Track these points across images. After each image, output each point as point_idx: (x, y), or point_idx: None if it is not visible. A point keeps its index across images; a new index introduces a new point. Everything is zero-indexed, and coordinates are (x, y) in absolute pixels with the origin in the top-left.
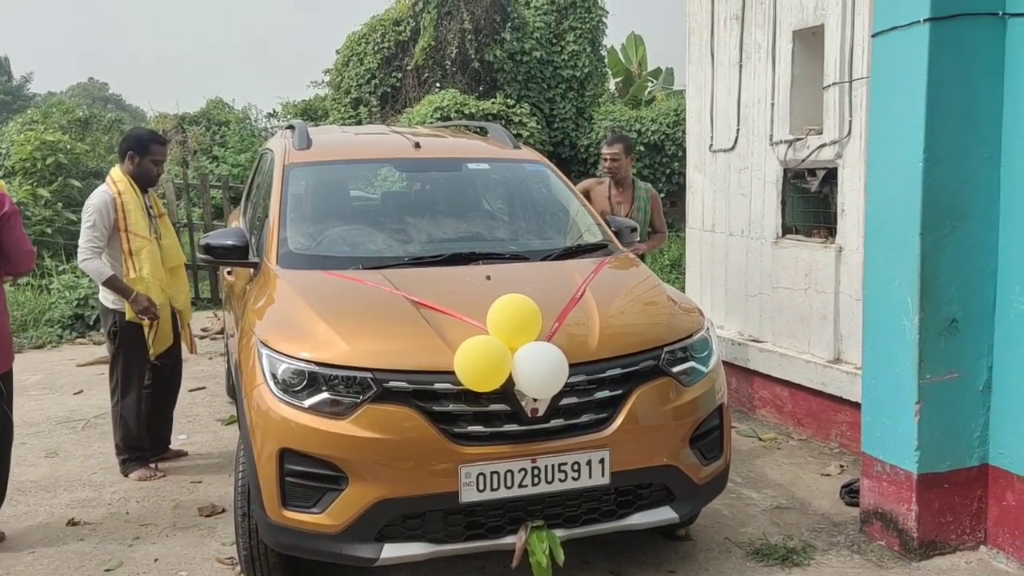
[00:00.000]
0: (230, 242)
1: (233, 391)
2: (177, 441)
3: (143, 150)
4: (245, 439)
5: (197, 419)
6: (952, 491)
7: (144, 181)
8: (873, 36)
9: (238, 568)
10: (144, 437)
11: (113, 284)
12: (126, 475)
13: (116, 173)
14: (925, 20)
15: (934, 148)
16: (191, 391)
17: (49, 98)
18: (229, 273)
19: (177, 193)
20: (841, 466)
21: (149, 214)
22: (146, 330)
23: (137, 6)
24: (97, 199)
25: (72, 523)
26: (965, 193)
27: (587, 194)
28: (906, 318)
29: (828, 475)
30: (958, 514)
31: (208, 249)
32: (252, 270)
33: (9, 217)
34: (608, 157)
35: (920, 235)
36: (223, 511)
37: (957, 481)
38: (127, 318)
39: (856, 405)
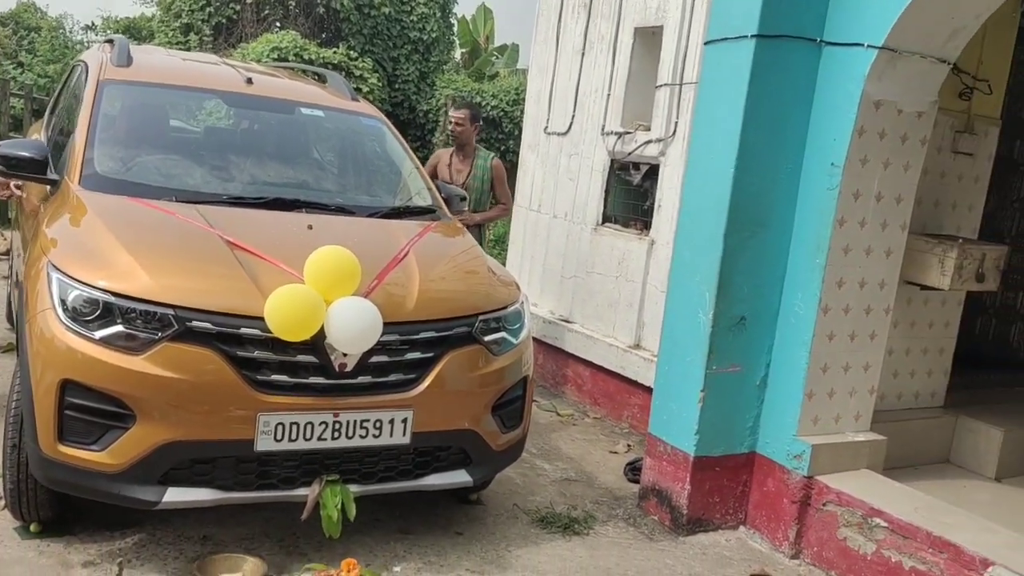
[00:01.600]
0: (26, 153)
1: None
2: None
3: None
4: (24, 366)
5: None
6: (722, 474)
7: None
8: (705, 44)
9: (1, 503)
10: None
11: None
12: None
13: None
14: (752, 36)
15: (745, 157)
16: None
17: None
18: (19, 187)
19: None
20: (628, 445)
21: None
22: None
23: None
24: None
25: None
26: (767, 202)
27: (435, 164)
28: (702, 312)
29: (616, 453)
30: (724, 496)
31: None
32: (49, 188)
33: None
34: (453, 121)
35: (724, 236)
36: None
37: (727, 465)
38: None
39: (649, 390)
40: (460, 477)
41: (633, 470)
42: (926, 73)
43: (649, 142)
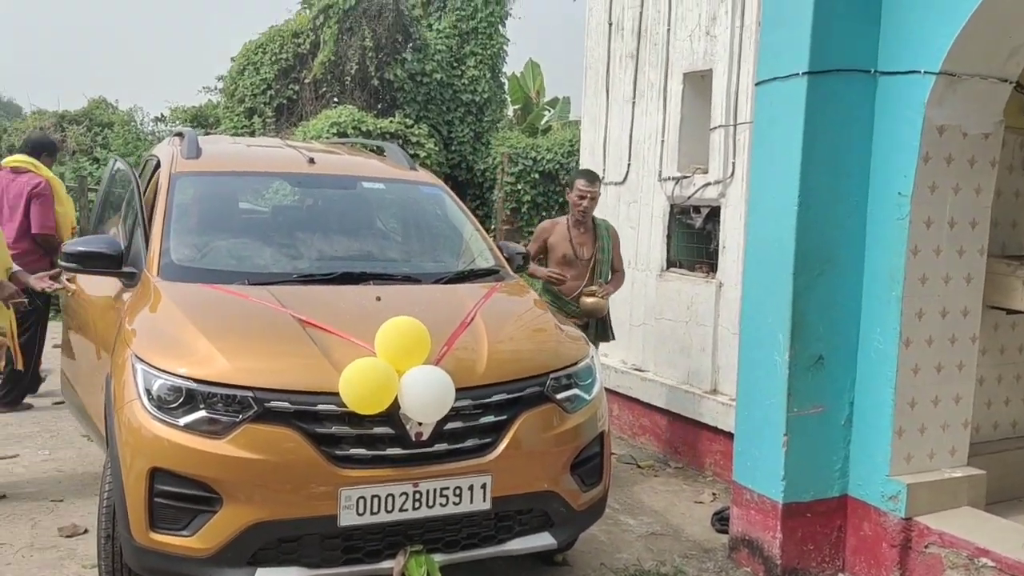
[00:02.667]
0: (100, 249)
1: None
2: (39, 457)
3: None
4: (113, 457)
5: (61, 434)
6: (814, 520)
7: None
8: (756, 84)
9: None
10: None
11: None
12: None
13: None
14: (803, 73)
15: (807, 194)
16: (56, 404)
17: None
18: (70, 280)
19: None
20: (714, 494)
21: None
22: None
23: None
24: None
25: None
26: (835, 238)
27: (546, 238)
28: (777, 354)
29: (701, 503)
30: (819, 543)
31: (74, 256)
32: (124, 280)
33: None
34: (588, 195)
35: (793, 276)
36: (85, 532)
37: (819, 511)
38: None
39: (730, 435)
40: (543, 540)
41: (721, 520)
42: (988, 94)
43: (708, 184)
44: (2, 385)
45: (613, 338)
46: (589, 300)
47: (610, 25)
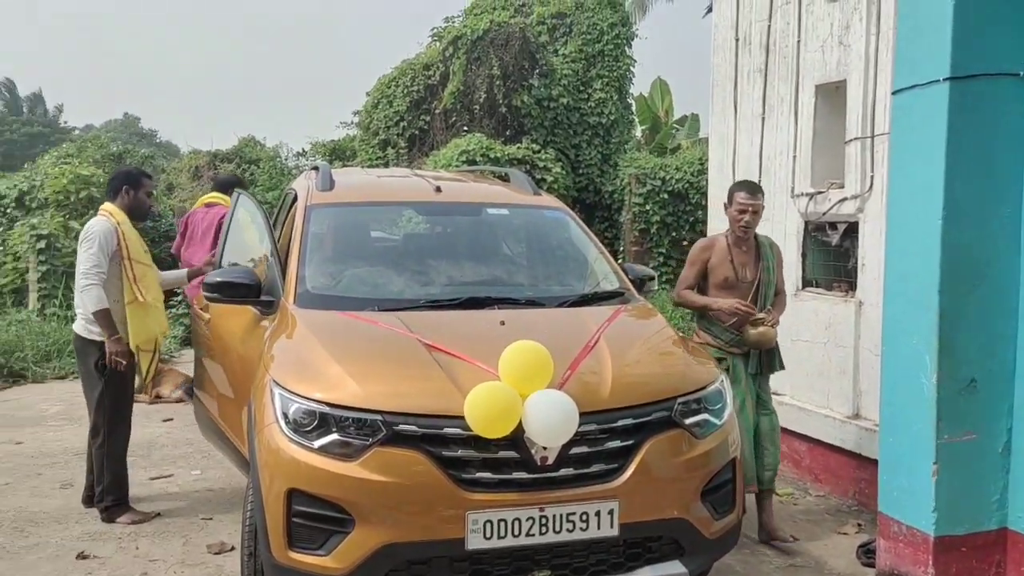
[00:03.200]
0: (240, 280)
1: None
2: (191, 476)
3: (136, 185)
4: (254, 478)
5: (212, 454)
6: (969, 555)
7: (138, 213)
8: (893, 93)
9: None
10: (127, 477)
11: (105, 317)
12: (112, 521)
13: (110, 207)
14: (945, 79)
15: (953, 206)
16: None
17: (87, 131)
18: (204, 309)
19: None
20: (859, 524)
21: None
22: (143, 358)
23: (172, 46)
24: (99, 227)
25: (81, 556)
26: (985, 252)
27: (706, 260)
28: (924, 376)
29: (845, 534)
30: None
31: (216, 287)
32: (261, 309)
33: None
34: (749, 209)
35: (939, 293)
36: (232, 549)
37: (975, 545)
38: (109, 351)
39: (874, 462)
40: (674, 569)
41: (867, 552)
42: None
43: (844, 199)
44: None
45: (782, 367)
46: (756, 331)
47: (737, 41)
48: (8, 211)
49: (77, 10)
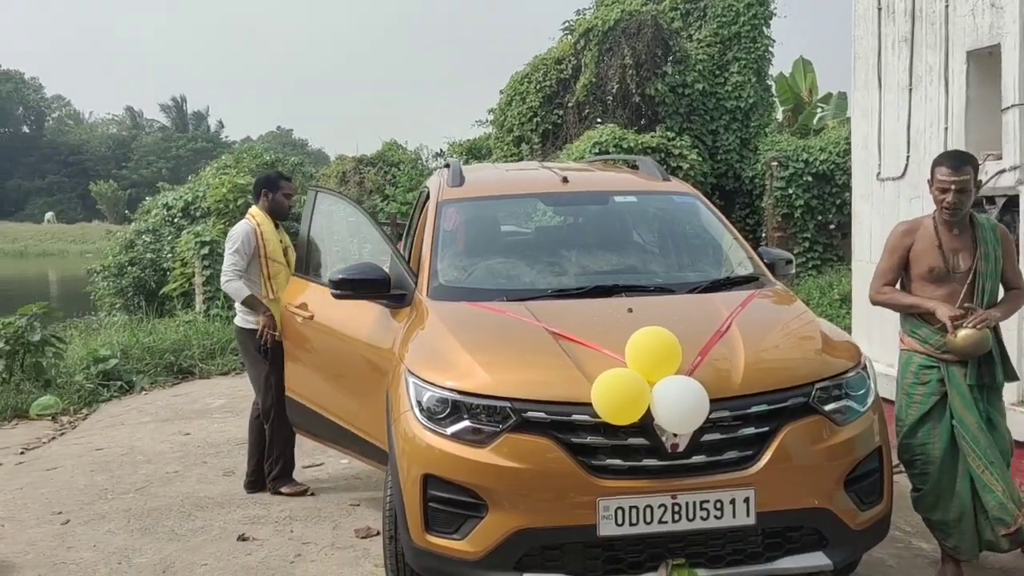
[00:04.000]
0: (371, 276)
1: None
2: (340, 465)
3: (274, 187)
4: (392, 464)
5: None
6: None
7: (278, 214)
8: None
9: None
10: (293, 453)
11: (250, 302)
12: (276, 492)
13: (253, 209)
14: None
15: None
16: None
17: (245, 143)
18: (300, 308)
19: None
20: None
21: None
22: None
23: (323, 60)
24: (240, 229)
25: (242, 538)
26: None
27: (908, 246)
28: None
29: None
30: None
31: (347, 283)
32: (391, 303)
33: None
34: (953, 187)
35: None
36: (377, 533)
37: None
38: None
39: None
40: (817, 560)
41: None
42: None
43: (1003, 171)
44: None
45: (1015, 377)
46: (963, 334)
47: (879, 10)
48: (176, 220)
49: (230, 23)
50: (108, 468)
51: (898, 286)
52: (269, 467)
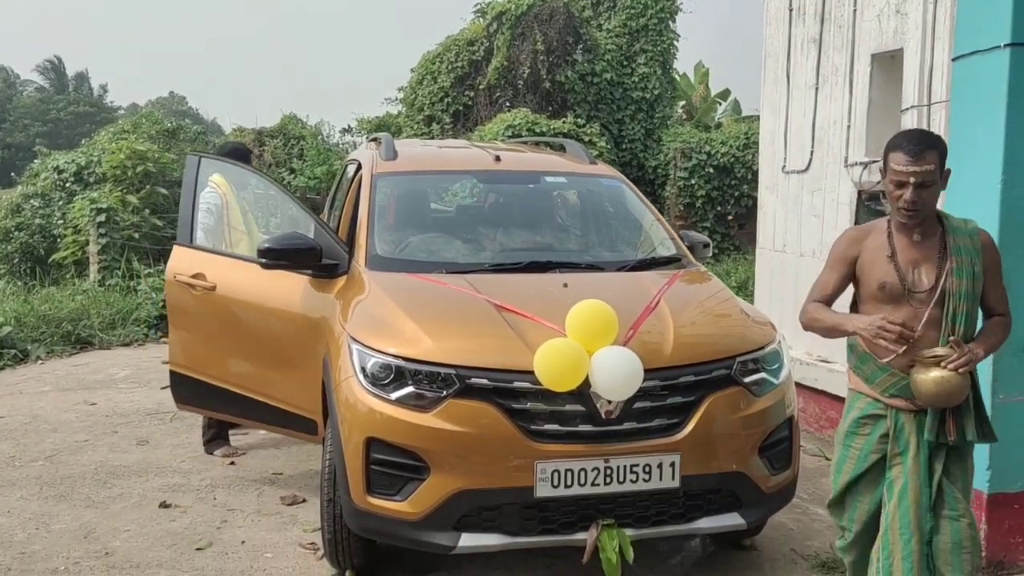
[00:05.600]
0: (303, 245)
1: None
2: (260, 435)
3: (244, 159)
4: (333, 428)
5: None
6: (1022, 511)
7: (240, 184)
8: (954, 60)
9: (319, 553)
10: None
11: None
12: (211, 453)
13: (217, 178)
14: (1006, 45)
15: (1013, 170)
16: None
17: (133, 110)
18: (196, 279)
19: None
20: None
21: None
22: None
23: (214, 27)
24: (212, 196)
25: (164, 505)
26: None
27: (854, 257)
28: None
29: None
30: None
31: (275, 253)
32: (323, 273)
33: None
34: (910, 180)
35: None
36: (303, 501)
37: None
38: None
39: None
40: (732, 520)
41: None
42: None
43: None
44: None
45: (991, 437)
46: (927, 377)
47: (791, 11)
48: (67, 185)
49: None
50: (12, 436)
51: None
52: (205, 430)
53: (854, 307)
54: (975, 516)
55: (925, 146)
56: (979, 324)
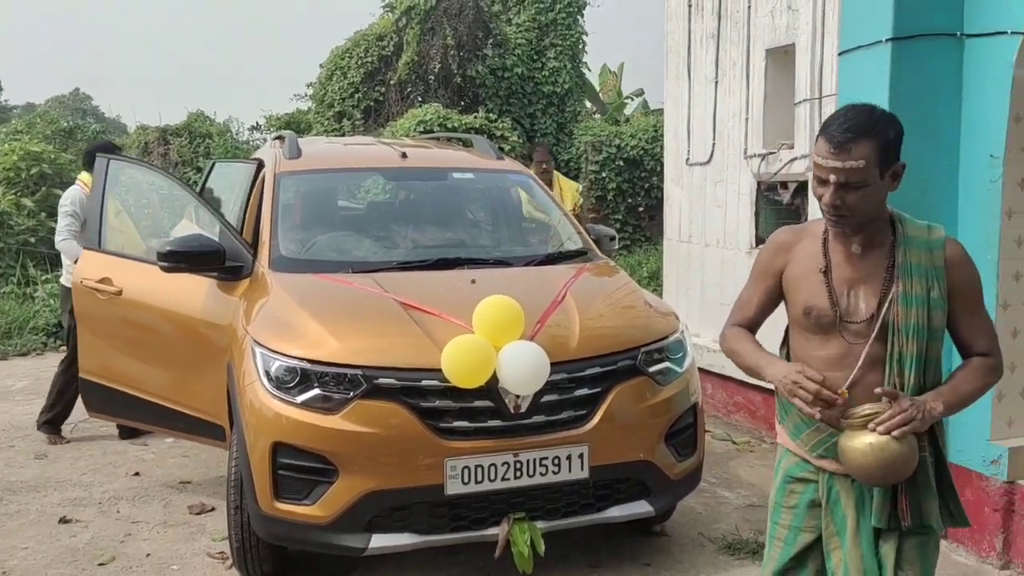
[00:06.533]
0: (207, 248)
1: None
2: (165, 444)
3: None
4: (238, 434)
5: None
6: None
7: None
8: (840, 55)
9: (228, 562)
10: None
11: None
12: (39, 429)
13: (84, 176)
14: (887, 40)
15: None
16: None
17: (29, 109)
18: (103, 283)
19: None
20: None
21: None
22: None
23: (122, 23)
24: (75, 194)
25: (64, 520)
26: (925, 205)
27: (781, 269)
28: None
29: None
30: None
31: (176, 256)
32: (227, 276)
33: None
34: (833, 177)
35: None
36: (212, 509)
37: None
38: None
39: None
40: (641, 507)
41: None
42: None
43: (795, 159)
44: None
45: (967, 521)
46: (858, 445)
47: (690, 7)
48: None
49: None
50: None
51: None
52: (44, 412)
53: (787, 333)
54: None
55: (856, 134)
56: (952, 364)
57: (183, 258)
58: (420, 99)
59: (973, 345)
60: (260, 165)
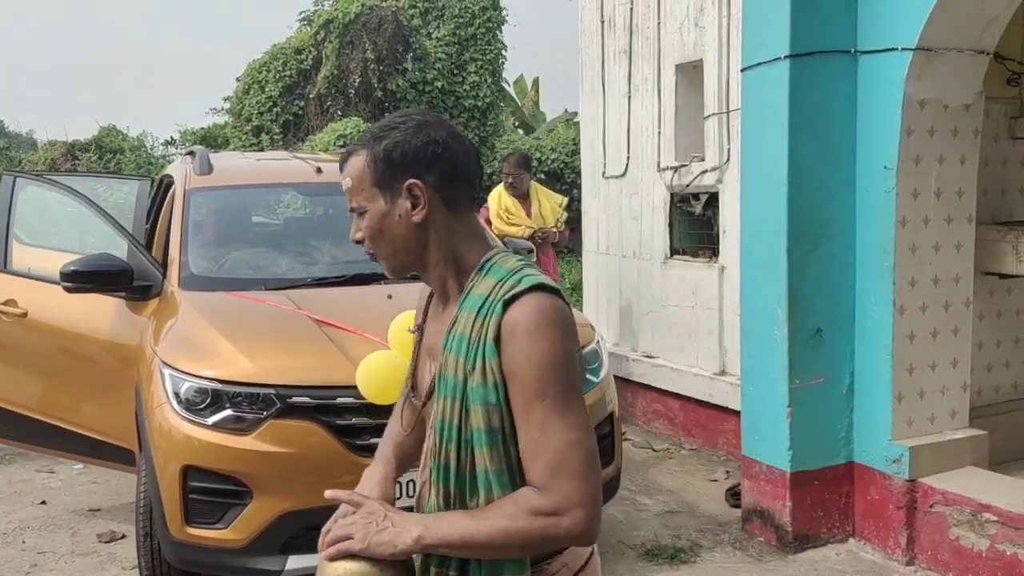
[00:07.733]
0: (111, 267)
1: None
2: (74, 471)
3: None
4: (147, 458)
5: None
6: (822, 487)
7: None
8: (742, 71)
9: None
10: None
11: None
12: None
13: None
14: (786, 57)
15: (796, 173)
16: None
17: None
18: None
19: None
20: (727, 471)
21: None
22: None
23: (31, 35)
24: None
25: None
26: (826, 213)
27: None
28: (777, 328)
29: (715, 480)
30: (828, 509)
31: (81, 276)
32: (136, 296)
33: None
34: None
35: (787, 253)
36: (123, 537)
37: (826, 478)
38: None
39: (740, 414)
40: None
41: (734, 495)
42: (967, 66)
43: (705, 172)
44: None
45: None
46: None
47: (602, 23)
48: None
49: None
50: None
51: None
52: None
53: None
54: (781, 495)
55: (355, 146)
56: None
57: (88, 278)
58: (340, 113)
59: (528, 469)
60: (170, 182)
